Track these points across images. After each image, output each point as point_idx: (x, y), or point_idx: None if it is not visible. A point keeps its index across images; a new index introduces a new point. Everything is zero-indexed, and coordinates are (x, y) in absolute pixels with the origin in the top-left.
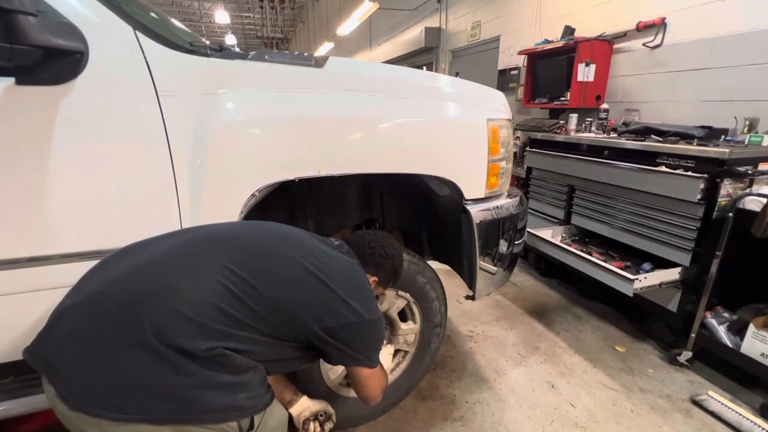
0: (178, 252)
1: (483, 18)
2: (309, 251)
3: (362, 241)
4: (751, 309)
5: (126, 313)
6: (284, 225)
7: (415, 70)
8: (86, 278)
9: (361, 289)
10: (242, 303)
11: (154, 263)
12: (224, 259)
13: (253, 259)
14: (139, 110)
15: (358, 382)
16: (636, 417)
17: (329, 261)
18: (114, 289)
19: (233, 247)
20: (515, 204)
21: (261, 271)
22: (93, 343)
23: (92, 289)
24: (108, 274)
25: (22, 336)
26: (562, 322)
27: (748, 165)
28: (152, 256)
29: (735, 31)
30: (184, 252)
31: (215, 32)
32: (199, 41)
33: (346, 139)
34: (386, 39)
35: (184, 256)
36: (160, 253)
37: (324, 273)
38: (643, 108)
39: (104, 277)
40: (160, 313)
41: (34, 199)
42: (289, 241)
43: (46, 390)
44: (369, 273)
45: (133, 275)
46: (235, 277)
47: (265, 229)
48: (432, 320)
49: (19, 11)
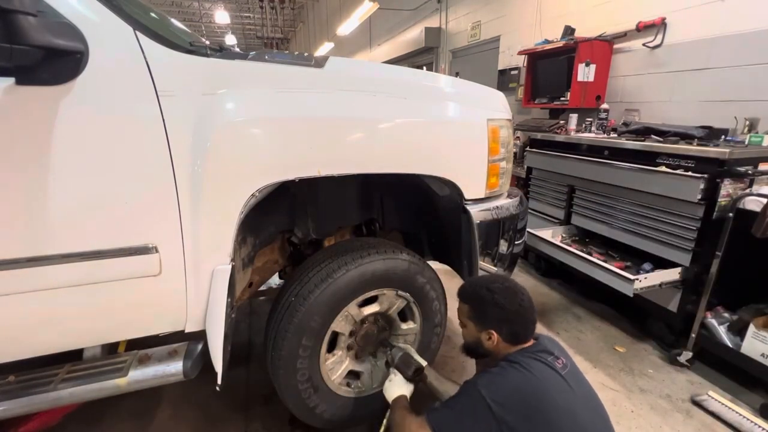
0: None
1: (483, 18)
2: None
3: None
4: (751, 309)
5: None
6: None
7: (415, 70)
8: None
9: None
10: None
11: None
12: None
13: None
14: (139, 110)
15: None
16: (636, 417)
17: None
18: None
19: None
20: (515, 204)
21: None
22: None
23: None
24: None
25: (22, 336)
26: (562, 322)
27: (748, 165)
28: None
29: (735, 31)
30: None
31: (215, 32)
32: (199, 41)
33: (346, 139)
34: (386, 39)
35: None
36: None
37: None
38: (643, 108)
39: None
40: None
41: (34, 199)
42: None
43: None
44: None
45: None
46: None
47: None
48: (432, 320)
49: (19, 11)
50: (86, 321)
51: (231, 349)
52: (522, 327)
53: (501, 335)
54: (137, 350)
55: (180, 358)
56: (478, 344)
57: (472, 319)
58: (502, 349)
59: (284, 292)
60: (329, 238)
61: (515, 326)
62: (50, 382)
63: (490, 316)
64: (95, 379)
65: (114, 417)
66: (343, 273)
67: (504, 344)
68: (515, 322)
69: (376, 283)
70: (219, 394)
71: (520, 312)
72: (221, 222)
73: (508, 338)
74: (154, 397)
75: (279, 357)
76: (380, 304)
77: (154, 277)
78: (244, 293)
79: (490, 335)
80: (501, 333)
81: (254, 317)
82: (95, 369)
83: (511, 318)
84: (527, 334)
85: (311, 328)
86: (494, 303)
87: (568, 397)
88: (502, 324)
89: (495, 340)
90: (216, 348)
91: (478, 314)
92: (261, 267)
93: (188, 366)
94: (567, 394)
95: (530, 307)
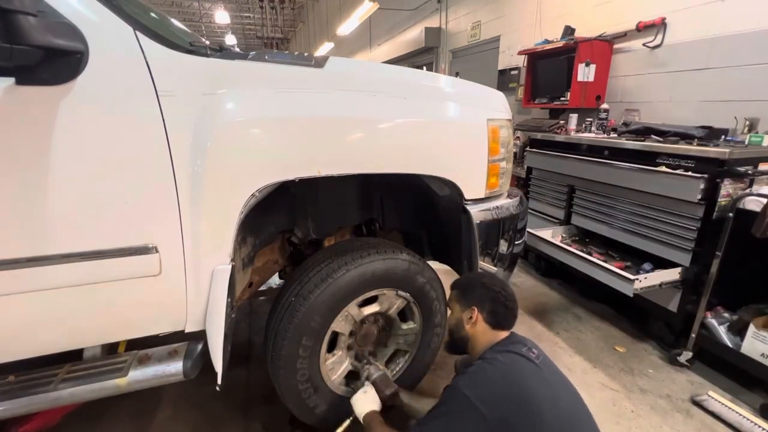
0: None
1: (483, 18)
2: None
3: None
4: (751, 309)
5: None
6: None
7: (415, 71)
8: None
9: None
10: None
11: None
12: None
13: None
14: (139, 110)
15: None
16: (636, 417)
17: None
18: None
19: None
20: (515, 204)
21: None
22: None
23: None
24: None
25: (22, 336)
26: (562, 322)
27: (748, 165)
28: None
29: (735, 31)
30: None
31: (215, 32)
32: (199, 41)
33: (346, 139)
34: (386, 39)
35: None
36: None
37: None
38: (643, 108)
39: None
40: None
41: (34, 199)
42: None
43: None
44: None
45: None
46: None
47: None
48: (432, 320)
49: (19, 11)
50: (86, 321)
51: (231, 349)
52: (502, 309)
53: (482, 313)
54: (137, 350)
55: (180, 358)
56: (459, 326)
57: (458, 300)
58: (480, 334)
59: (284, 292)
60: (329, 238)
61: (496, 306)
62: (50, 382)
63: (475, 295)
64: (95, 379)
65: (114, 417)
66: (343, 273)
67: (483, 326)
68: (496, 302)
69: (376, 283)
70: (219, 394)
71: (503, 294)
72: (221, 222)
73: (488, 319)
74: (154, 397)
75: (279, 357)
76: (380, 304)
77: (154, 277)
78: (244, 293)
79: (471, 313)
80: (482, 311)
81: (254, 317)
82: (95, 369)
83: (493, 298)
84: (506, 320)
85: (311, 328)
86: (481, 283)
87: (545, 384)
88: (484, 302)
89: (475, 318)
90: (216, 348)
91: (464, 294)
92: (261, 267)
93: (188, 366)
94: (544, 381)
95: (512, 297)
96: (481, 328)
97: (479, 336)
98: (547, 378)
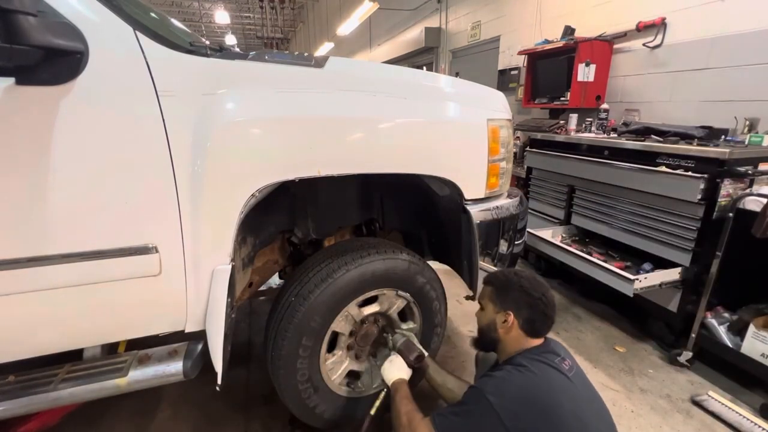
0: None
1: (483, 18)
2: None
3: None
4: (751, 309)
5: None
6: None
7: (415, 71)
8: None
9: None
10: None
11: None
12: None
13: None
14: (139, 110)
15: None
16: (636, 417)
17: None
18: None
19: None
20: (515, 204)
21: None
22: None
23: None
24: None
25: (23, 336)
26: (562, 322)
27: (748, 165)
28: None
29: (735, 31)
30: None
31: (215, 32)
32: (199, 41)
33: (346, 139)
34: (386, 39)
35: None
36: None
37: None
38: (643, 108)
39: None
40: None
41: (34, 199)
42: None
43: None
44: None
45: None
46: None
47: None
48: (432, 320)
49: (19, 11)
50: (86, 321)
51: (231, 349)
52: (540, 318)
53: (518, 319)
54: (137, 350)
55: (180, 358)
56: (491, 328)
57: (492, 299)
58: (513, 340)
59: (284, 292)
60: (329, 238)
61: (534, 314)
62: (50, 382)
63: (512, 298)
64: (95, 379)
65: (114, 417)
66: (343, 273)
67: (517, 332)
68: (535, 309)
69: (376, 283)
70: (219, 394)
71: (543, 302)
72: (221, 222)
73: (524, 326)
74: (154, 397)
75: (279, 357)
76: (380, 304)
77: (154, 277)
78: (244, 293)
79: (506, 317)
80: (518, 317)
81: (254, 317)
82: (95, 369)
83: (532, 304)
84: (543, 328)
85: (311, 328)
86: (519, 286)
87: (574, 399)
88: (521, 307)
89: (510, 323)
90: (216, 348)
91: (499, 294)
92: (261, 267)
93: (188, 366)
94: (573, 396)
95: (552, 304)
96: (515, 333)
97: (512, 341)
98: (577, 393)
